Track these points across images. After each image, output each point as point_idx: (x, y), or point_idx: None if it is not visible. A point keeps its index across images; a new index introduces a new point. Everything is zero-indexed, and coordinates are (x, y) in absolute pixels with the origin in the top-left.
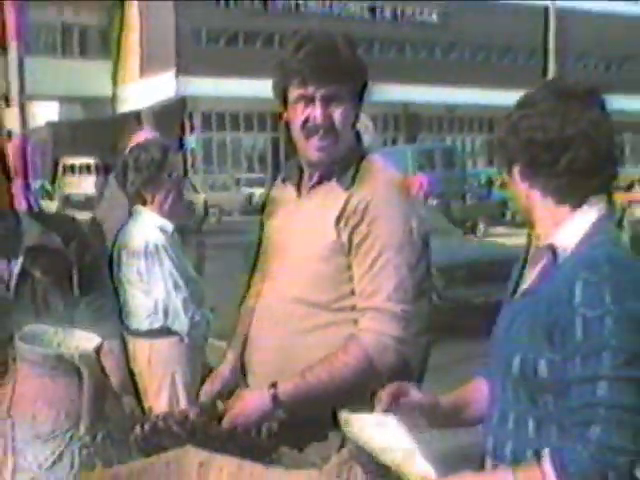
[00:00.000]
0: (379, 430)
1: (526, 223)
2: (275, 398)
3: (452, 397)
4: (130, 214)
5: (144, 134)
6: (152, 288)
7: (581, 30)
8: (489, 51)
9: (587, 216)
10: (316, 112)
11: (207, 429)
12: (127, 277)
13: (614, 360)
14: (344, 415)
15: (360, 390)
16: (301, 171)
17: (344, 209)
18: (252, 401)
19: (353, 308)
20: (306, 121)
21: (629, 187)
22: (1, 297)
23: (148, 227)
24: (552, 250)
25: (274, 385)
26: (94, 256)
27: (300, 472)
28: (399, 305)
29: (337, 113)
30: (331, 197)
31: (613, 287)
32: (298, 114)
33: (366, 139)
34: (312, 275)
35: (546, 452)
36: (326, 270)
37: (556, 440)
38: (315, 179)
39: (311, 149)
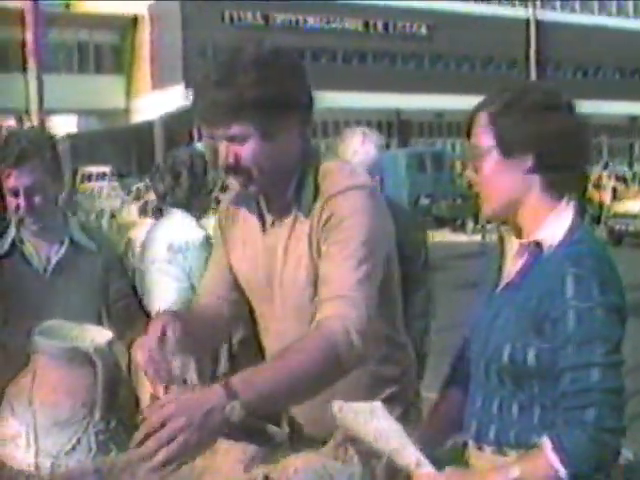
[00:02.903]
0: (372, 418)
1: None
2: (227, 385)
3: (432, 428)
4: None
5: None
6: (192, 282)
7: (559, 40)
8: (474, 61)
9: (566, 213)
10: (221, 151)
11: None
12: (165, 270)
13: (604, 348)
14: (337, 403)
15: (324, 377)
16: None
17: (310, 234)
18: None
19: None
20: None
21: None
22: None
23: (194, 225)
24: (538, 246)
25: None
26: (121, 264)
27: (299, 455)
28: (361, 295)
29: (243, 152)
30: (298, 227)
31: (599, 281)
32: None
33: (374, 150)
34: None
35: (545, 439)
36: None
37: (538, 421)
38: (274, 217)
39: (236, 185)
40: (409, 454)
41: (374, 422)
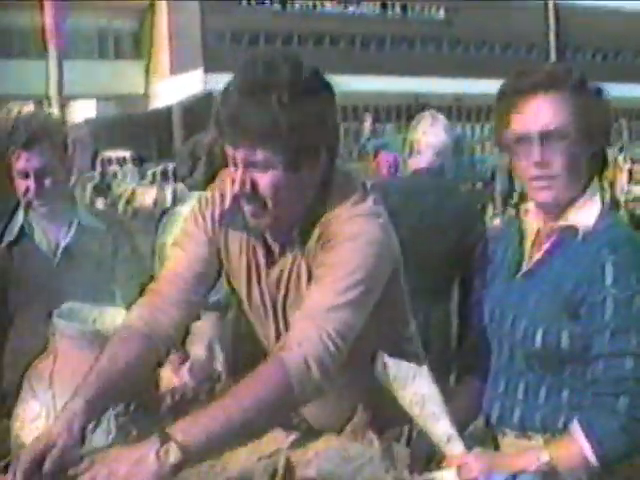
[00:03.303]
0: (413, 381)
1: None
2: (162, 431)
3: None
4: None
5: None
6: None
7: (578, 24)
8: (492, 45)
9: (595, 197)
10: (236, 175)
11: None
12: None
13: (639, 337)
14: (383, 357)
15: (275, 413)
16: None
17: (308, 261)
18: (136, 445)
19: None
20: (232, 182)
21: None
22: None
23: None
24: (570, 229)
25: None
26: (132, 244)
27: (319, 438)
28: (337, 320)
29: (262, 180)
30: (299, 260)
31: (636, 268)
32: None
33: (444, 134)
34: None
35: (576, 425)
36: None
37: (567, 403)
38: (278, 249)
39: (246, 213)
40: (442, 427)
41: (415, 385)
